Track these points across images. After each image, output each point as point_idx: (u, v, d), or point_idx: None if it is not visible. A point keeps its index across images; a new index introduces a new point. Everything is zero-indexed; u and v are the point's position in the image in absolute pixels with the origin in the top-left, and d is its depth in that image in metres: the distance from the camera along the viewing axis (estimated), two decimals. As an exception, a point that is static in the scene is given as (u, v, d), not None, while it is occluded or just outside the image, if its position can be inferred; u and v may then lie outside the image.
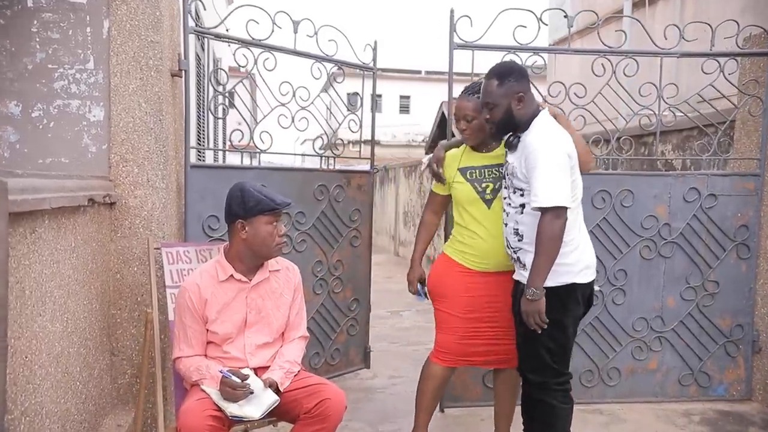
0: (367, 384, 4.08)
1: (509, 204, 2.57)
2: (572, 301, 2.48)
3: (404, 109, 26.03)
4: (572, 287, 2.47)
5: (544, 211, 2.35)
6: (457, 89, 3.50)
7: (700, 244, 3.69)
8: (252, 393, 2.17)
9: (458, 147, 2.95)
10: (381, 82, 3.97)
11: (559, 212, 2.34)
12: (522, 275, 2.53)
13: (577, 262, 2.47)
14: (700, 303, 3.72)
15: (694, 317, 3.73)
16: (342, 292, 3.91)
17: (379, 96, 4.88)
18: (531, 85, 2.57)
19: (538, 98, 2.71)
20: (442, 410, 3.61)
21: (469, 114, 2.74)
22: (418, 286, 3.05)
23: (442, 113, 18.09)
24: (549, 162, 2.35)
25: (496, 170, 2.80)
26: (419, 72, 26.21)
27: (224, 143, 5.99)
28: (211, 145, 6.51)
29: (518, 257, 2.56)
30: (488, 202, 2.77)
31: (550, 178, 2.33)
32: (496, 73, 2.52)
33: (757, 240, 3.71)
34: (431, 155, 2.99)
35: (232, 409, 2.13)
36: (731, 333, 3.75)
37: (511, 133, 2.57)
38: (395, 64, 22.85)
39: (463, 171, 2.83)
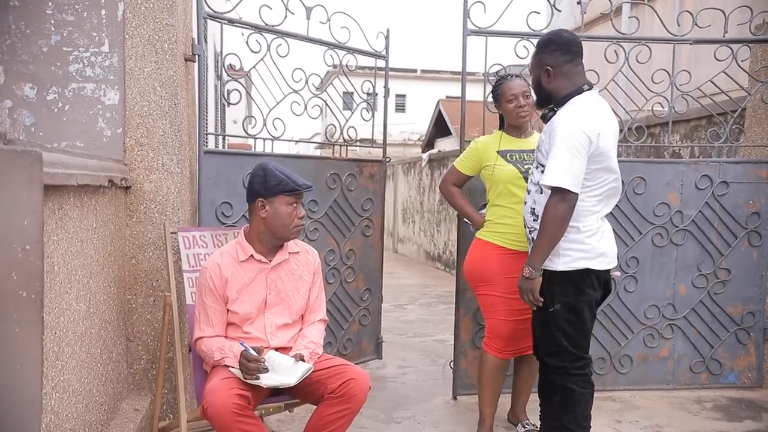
0: (378, 373, 4.07)
1: (531, 181, 2.56)
2: (587, 285, 2.44)
3: (400, 107, 26.03)
4: (586, 272, 2.43)
5: (552, 192, 2.32)
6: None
7: (712, 231, 3.70)
8: (266, 370, 2.15)
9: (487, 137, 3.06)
10: (377, 81, 3.96)
11: (566, 195, 2.29)
12: None
13: (593, 249, 2.43)
14: (711, 290, 3.73)
15: (706, 305, 3.74)
16: (354, 282, 3.90)
17: (376, 95, 4.88)
18: (570, 61, 2.45)
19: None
20: (455, 398, 3.61)
21: (527, 90, 2.88)
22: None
23: (439, 111, 18.14)
24: (564, 142, 2.29)
25: (533, 155, 2.86)
26: (415, 71, 26.25)
27: (223, 135, 5.99)
28: (211, 138, 6.47)
29: (532, 237, 2.55)
30: None
31: (561, 158, 2.28)
32: (539, 42, 2.53)
33: (768, 227, 3.72)
34: (431, 151, 3.04)
35: (268, 380, 2.11)
36: (742, 320, 3.76)
37: (549, 106, 2.54)
38: (390, 62, 22.82)
39: (503, 153, 2.92)
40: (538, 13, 3.47)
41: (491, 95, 3.09)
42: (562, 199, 2.29)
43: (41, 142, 2.71)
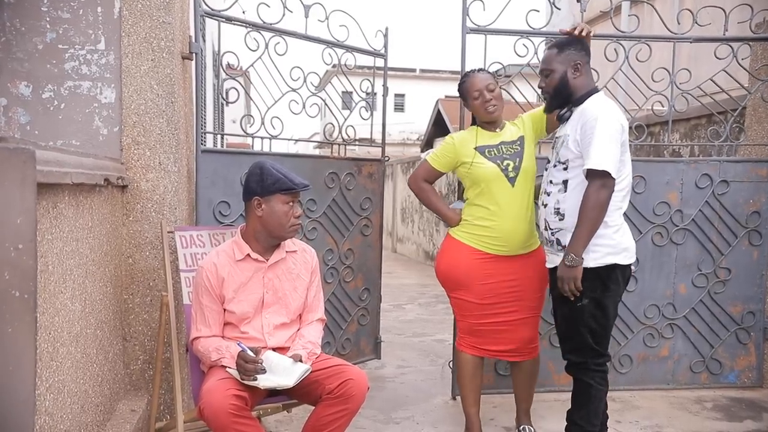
0: (377, 373, 4.05)
1: (551, 182, 2.56)
2: (613, 281, 2.48)
3: (399, 107, 25.99)
4: (613, 267, 2.46)
5: (592, 178, 2.36)
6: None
7: (712, 230, 3.68)
8: (264, 371, 2.13)
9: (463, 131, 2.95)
10: (375, 80, 3.94)
11: (607, 182, 2.35)
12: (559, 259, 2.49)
13: (618, 243, 2.47)
14: (711, 290, 3.71)
15: (706, 304, 3.72)
16: (353, 281, 3.88)
17: (374, 94, 4.87)
18: (588, 62, 2.59)
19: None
20: (454, 398, 3.59)
21: (491, 83, 2.77)
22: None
23: (438, 111, 18.10)
24: (606, 130, 2.37)
25: (511, 147, 2.80)
26: (414, 70, 26.21)
27: (221, 133, 5.97)
28: (209, 138, 6.45)
29: (557, 239, 2.53)
30: (512, 180, 2.74)
31: (604, 144, 2.35)
32: (558, 42, 2.59)
33: (768, 226, 3.70)
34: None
35: (265, 381, 2.09)
36: (742, 320, 3.75)
37: (563, 108, 2.59)
38: (389, 61, 22.77)
39: (481, 150, 2.80)
40: (538, 11, 3.45)
41: (458, 94, 2.95)
42: (604, 185, 2.35)
43: (37, 141, 2.69)
